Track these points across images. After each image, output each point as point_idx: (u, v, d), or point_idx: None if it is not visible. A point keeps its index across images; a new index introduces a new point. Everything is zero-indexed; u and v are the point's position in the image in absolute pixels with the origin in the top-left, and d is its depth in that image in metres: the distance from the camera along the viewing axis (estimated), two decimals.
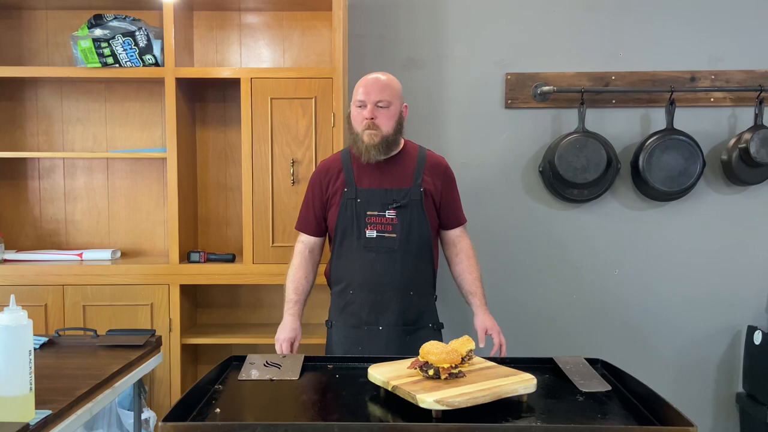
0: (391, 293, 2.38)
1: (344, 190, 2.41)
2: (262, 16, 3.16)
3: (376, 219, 2.39)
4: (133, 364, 2.16)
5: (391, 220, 2.38)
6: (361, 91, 2.36)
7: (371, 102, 2.34)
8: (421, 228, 2.41)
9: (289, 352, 2.42)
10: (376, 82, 2.36)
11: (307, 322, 3.18)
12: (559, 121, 3.19)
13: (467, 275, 2.49)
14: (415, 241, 2.40)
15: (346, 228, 2.40)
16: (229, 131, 3.19)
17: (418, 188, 2.40)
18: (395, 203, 2.38)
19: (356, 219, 2.39)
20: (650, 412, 1.50)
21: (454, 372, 1.59)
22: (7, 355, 1.52)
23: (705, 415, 3.28)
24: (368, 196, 2.40)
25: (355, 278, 2.40)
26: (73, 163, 3.20)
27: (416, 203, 2.40)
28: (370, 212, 2.39)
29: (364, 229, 2.39)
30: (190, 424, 1.41)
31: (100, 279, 2.87)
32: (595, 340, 3.22)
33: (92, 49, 2.89)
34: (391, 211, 2.38)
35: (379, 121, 2.33)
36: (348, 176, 2.42)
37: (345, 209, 2.40)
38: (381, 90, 2.34)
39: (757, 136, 3.02)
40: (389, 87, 2.37)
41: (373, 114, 2.33)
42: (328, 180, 2.46)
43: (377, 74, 2.41)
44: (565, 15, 3.17)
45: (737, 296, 3.23)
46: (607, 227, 3.23)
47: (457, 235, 2.53)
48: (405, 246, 2.38)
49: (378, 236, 2.38)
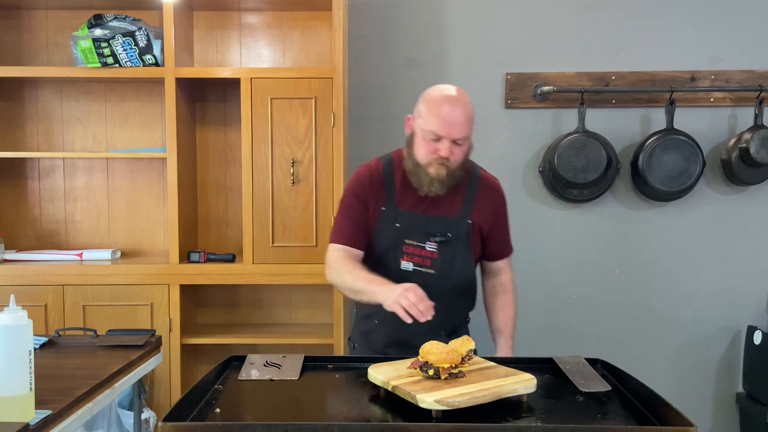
0: (420, 332, 1.92)
1: (382, 209, 2.11)
2: (262, 16, 3.16)
3: (415, 250, 2.09)
4: (133, 364, 2.16)
5: (431, 253, 2.09)
6: (438, 124, 1.98)
7: (449, 138, 1.99)
8: (464, 266, 2.13)
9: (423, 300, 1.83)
10: (457, 115, 1.99)
11: (308, 322, 3.20)
12: (559, 121, 3.19)
13: (500, 311, 2.24)
14: (455, 280, 2.12)
15: (381, 255, 2.11)
16: (229, 131, 3.19)
17: (465, 220, 2.12)
18: (439, 236, 2.09)
19: (393, 247, 2.10)
20: (650, 412, 1.50)
21: (454, 372, 1.58)
22: (7, 355, 1.52)
23: (705, 415, 3.28)
24: (409, 222, 2.09)
25: (382, 309, 1.93)
26: (73, 163, 3.20)
27: (462, 237, 2.11)
28: (409, 241, 2.10)
29: (399, 260, 2.09)
30: (190, 424, 1.41)
31: (100, 279, 2.87)
32: (595, 340, 3.23)
33: (92, 49, 2.89)
34: (432, 244, 2.09)
35: (454, 158, 2.02)
36: (388, 193, 2.12)
37: (381, 232, 2.11)
38: (463, 125, 2.00)
39: (757, 136, 3.02)
40: (470, 119, 2.03)
41: (450, 152, 2.00)
42: (371, 192, 2.13)
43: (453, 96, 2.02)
44: (565, 15, 3.17)
45: (737, 296, 3.23)
46: (607, 227, 3.23)
47: (500, 267, 2.27)
48: (443, 284, 2.08)
49: (414, 270, 2.09)
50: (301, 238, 2.89)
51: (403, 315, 1.80)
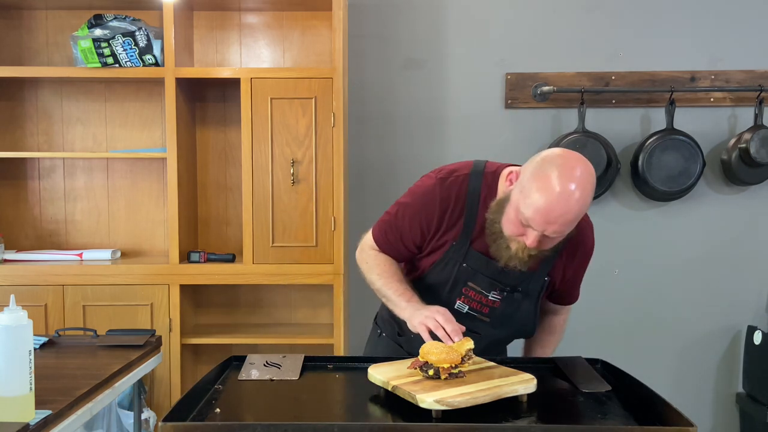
0: None
1: (453, 243, 1.84)
2: (262, 16, 3.16)
3: (475, 296, 1.87)
4: (133, 364, 2.16)
5: (492, 302, 1.86)
6: (536, 214, 1.62)
7: (541, 231, 1.65)
8: (524, 320, 1.92)
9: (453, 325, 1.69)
10: (563, 213, 1.61)
11: (308, 322, 3.20)
12: (559, 121, 3.19)
13: (538, 348, 2.07)
14: (507, 332, 1.94)
15: (435, 288, 1.89)
16: (229, 131, 3.19)
17: (543, 276, 1.87)
18: (508, 290, 1.84)
19: (452, 285, 1.86)
20: (650, 412, 1.50)
21: (454, 372, 1.58)
22: (7, 355, 1.52)
23: (705, 415, 3.28)
24: (478, 265, 1.83)
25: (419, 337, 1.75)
26: (73, 163, 3.19)
27: (533, 293, 1.88)
28: (472, 284, 1.85)
29: (455, 299, 1.87)
30: (190, 424, 1.41)
31: (100, 279, 2.87)
32: (595, 340, 3.22)
33: (92, 49, 2.89)
34: (496, 294, 1.85)
35: (541, 247, 1.70)
36: (467, 225, 1.82)
37: (444, 266, 1.86)
38: (565, 225, 1.64)
39: (757, 136, 3.01)
40: (575, 220, 1.65)
41: (538, 243, 1.68)
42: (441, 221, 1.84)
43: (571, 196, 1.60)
44: (565, 15, 3.17)
45: (737, 296, 3.23)
46: (607, 227, 3.22)
47: (557, 309, 2.06)
48: (494, 333, 1.90)
49: (468, 314, 1.88)
50: (301, 238, 2.89)
51: (427, 338, 1.68)
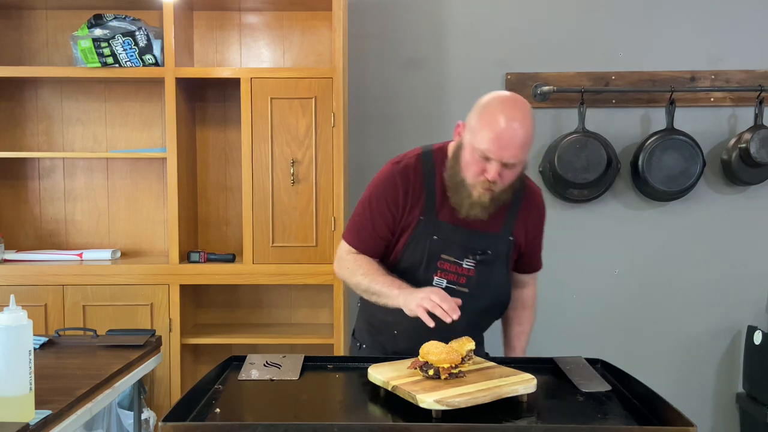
0: None
1: (420, 217, 1.91)
2: (262, 16, 3.16)
3: (450, 267, 1.93)
4: (133, 364, 2.16)
5: (467, 271, 1.93)
6: (489, 141, 1.75)
7: (499, 160, 1.77)
8: (500, 285, 1.99)
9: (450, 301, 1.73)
10: (514, 137, 1.75)
11: (308, 322, 3.20)
12: (559, 121, 3.19)
13: (516, 325, 2.16)
14: (488, 301, 1.99)
15: (411, 267, 1.93)
16: (229, 131, 3.19)
17: (507, 236, 1.96)
18: (479, 254, 1.92)
19: (426, 260, 1.92)
20: (650, 412, 1.50)
21: (454, 372, 1.58)
22: (7, 355, 1.52)
23: (705, 415, 3.28)
24: (448, 235, 1.91)
25: (403, 323, 1.88)
26: (73, 163, 3.19)
27: (501, 255, 1.96)
28: (446, 257, 1.92)
29: (432, 275, 1.92)
30: (190, 424, 1.41)
31: (100, 279, 2.87)
32: (595, 340, 3.22)
33: (92, 49, 2.89)
34: (470, 262, 1.93)
35: (501, 182, 1.81)
36: (428, 198, 1.91)
37: (416, 244, 1.92)
38: (517, 150, 1.77)
39: (757, 136, 3.02)
40: (526, 144, 1.80)
41: (498, 175, 1.78)
42: (406, 199, 1.92)
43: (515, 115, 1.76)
44: (565, 15, 3.17)
45: (737, 296, 3.23)
46: (607, 227, 3.23)
47: (525, 281, 2.15)
48: (475, 304, 1.94)
49: (447, 288, 1.90)
50: (301, 238, 2.89)
51: (427, 319, 1.70)
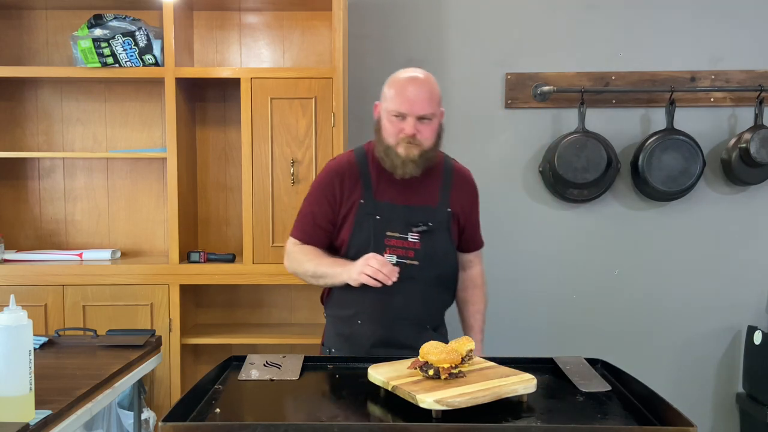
0: (407, 328, 2.07)
1: (360, 201, 2.07)
2: (262, 16, 3.16)
3: (397, 242, 2.05)
4: (133, 364, 2.16)
5: (413, 244, 2.05)
6: (398, 99, 1.99)
7: (413, 115, 1.98)
8: (446, 254, 2.12)
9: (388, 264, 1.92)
10: (418, 90, 1.99)
11: (308, 322, 3.20)
12: (559, 121, 3.19)
13: (470, 305, 2.26)
14: (437, 271, 2.10)
15: (361, 248, 2.05)
16: (229, 131, 3.19)
17: (445, 208, 2.11)
18: (420, 226, 2.06)
19: (374, 239, 2.05)
20: (650, 412, 1.50)
21: (454, 372, 1.58)
22: (7, 355, 1.52)
23: (705, 415, 3.28)
24: (388, 213, 2.06)
25: (366, 307, 2.06)
26: (73, 163, 3.20)
27: (442, 226, 2.09)
28: (391, 233, 2.05)
29: (382, 253, 2.03)
30: (190, 424, 1.41)
31: (100, 279, 2.87)
32: (595, 340, 3.22)
33: (92, 49, 2.89)
34: (414, 235, 2.06)
35: (421, 136, 1.99)
36: (365, 184, 2.08)
37: (360, 226, 2.06)
38: (425, 102, 1.99)
39: (757, 136, 3.02)
40: (432, 96, 2.01)
41: (416, 129, 1.98)
42: (341, 185, 2.09)
43: (415, 74, 2.03)
44: (565, 15, 3.17)
45: (737, 296, 3.23)
46: (607, 227, 3.23)
47: (470, 260, 2.27)
48: (426, 275, 2.07)
49: (398, 263, 2.02)
50: None
51: (372, 282, 1.90)
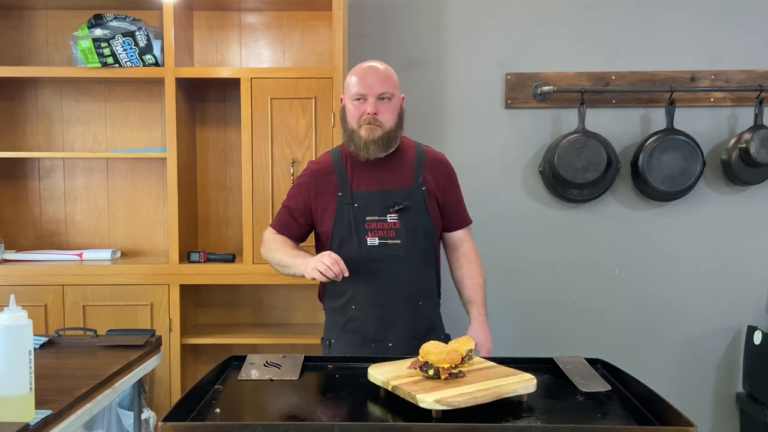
0: (400, 306, 2.18)
1: (338, 194, 2.20)
2: (262, 16, 3.16)
3: (378, 225, 2.18)
4: (133, 364, 2.16)
5: (393, 224, 2.17)
6: (357, 82, 2.15)
7: (373, 95, 2.13)
8: (426, 231, 2.22)
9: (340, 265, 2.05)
10: (375, 72, 2.16)
11: (308, 322, 3.20)
12: (559, 121, 3.19)
13: (467, 281, 2.30)
14: (421, 247, 2.21)
15: (344, 237, 2.19)
16: (229, 131, 3.19)
17: (420, 188, 2.21)
18: (397, 206, 2.17)
19: (355, 226, 2.17)
20: (650, 412, 1.50)
21: (454, 372, 1.58)
22: (7, 355, 1.52)
23: (705, 415, 3.28)
24: (366, 200, 2.19)
25: (358, 292, 2.19)
26: (73, 163, 3.20)
27: (419, 204, 2.20)
28: (370, 218, 2.18)
29: (364, 237, 2.17)
30: (190, 424, 1.41)
31: (100, 279, 2.87)
32: (595, 340, 3.22)
33: (92, 49, 2.89)
34: (393, 215, 2.17)
35: (382, 117, 2.13)
36: (341, 178, 2.21)
37: (341, 216, 2.19)
38: (382, 81, 2.15)
39: (757, 136, 3.02)
40: (390, 78, 2.18)
41: (376, 108, 2.12)
42: (317, 184, 2.24)
43: (373, 63, 2.20)
44: (565, 15, 3.17)
45: (737, 296, 3.23)
46: (607, 227, 3.23)
47: (460, 238, 2.34)
48: (411, 252, 2.18)
49: (381, 243, 2.17)
50: None
51: (322, 278, 2.05)
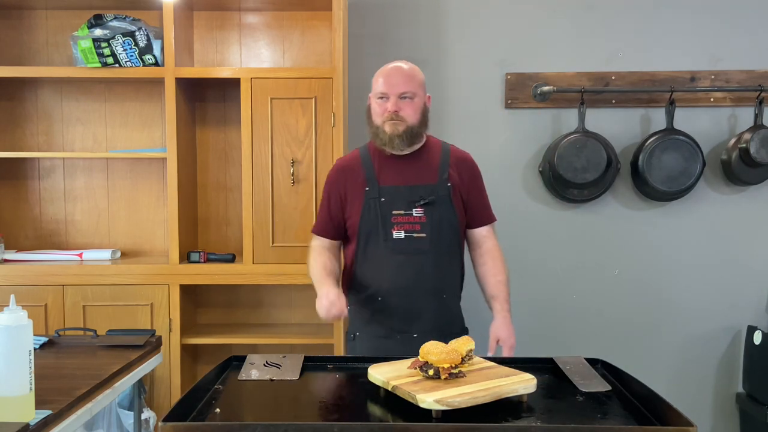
0: (424, 298, 2.24)
1: (365, 189, 2.25)
2: (262, 16, 3.16)
3: (403, 218, 2.23)
4: (133, 364, 2.16)
5: (419, 218, 2.23)
6: (382, 82, 2.21)
7: (394, 94, 2.19)
8: (451, 225, 2.27)
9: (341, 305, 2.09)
10: (398, 72, 2.22)
11: (308, 322, 3.20)
12: (559, 121, 3.19)
13: (490, 277, 2.33)
14: (445, 241, 2.26)
15: (371, 230, 2.24)
16: (229, 131, 3.19)
17: (444, 183, 2.26)
18: (422, 200, 2.22)
19: (381, 220, 2.23)
20: (650, 412, 1.50)
21: (454, 372, 1.58)
22: (7, 355, 1.52)
23: (705, 415, 3.28)
24: (392, 195, 2.24)
25: (383, 284, 2.24)
26: (73, 163, 3.20)
27: (444, 199, 2.25)
28: (396, 212, 2.23)
29: (390, 231, 2.22)
30: (190, 424, 1.41)
31: (100, 279, 2.87)
32: (595, 340, 3.23)
33: (92, 49, 2.89)
34: (418, 209, 2.23)
35: (404, 113, 2.19)
36: (368, 174, 2.27)
37: (368, 210, 2.24)
38: (405, 81, 2.20)
39: (757, 136, 3.02)
40: (413, 77, 2.23)
41: (397, 106, 2.18)
42: (345, 179, 2.30)
43: (398, 63, 2.26)
44: (565, 15, 3.17)
45: (737, 296, 3.23)
46: (607, 227, 3.23)
47: (483, 235, 2.37)
48: (436, 246, 2.24)
49: (406, 237, 2.22)
50: (301, 238, 2.89)
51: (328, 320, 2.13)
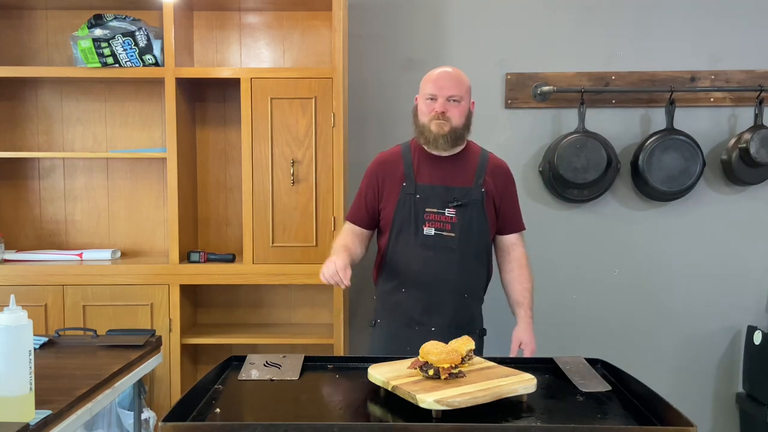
0: (446, 294, 2.34)
1: (403, 184, 2.36)
2: (262, 16, 3.16)
3: (435, 216, 2.34)
4: (133, 364, 2.16)
5: (450, 218, 2.34)
6: (431, 85, 2.32)
7: (443, 96, 2.30)
8: (481, 229, 2.37)
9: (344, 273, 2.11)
10: (448, 76, 2.32)
11: (308, 322, 3.20)
12: (559, 121, 3.19)
13: (516, 284, 2.43)
14: (473, 243, 2.36)
15: (403, 224, 2.35)
16: (229, 131, 3.19)
17: (479, 188, 2.36)
18: (456, 202, 2.33)
19: (414, 215, 2.34)
20: (650, 412, 1.50)
21: (454, 372, 1.58)
22: (7, 355, 1.52)
23: (705, 415, 3.28)
24: (428, 193, 2.35)
25: (409, 276, 2.35)
26: (73, 163, 3.20)
27: (477, 203, 2.35)
28: (429, 209, 2.34)
29: (422, 226, 2.34)
30: (190, 424, 1.41)
31: (100, 279, 2.87)
32: (595, 340, 3.23)
33: (92, 49, 2.89)
34: (450, 210, 2.34)
35: (450, 114, 2.30)
36: (407, 170, 2.38)
37: (403, 204, 2.35)
38: (454, 85, 2.31)
39: (757, 136, 3.02)
40: (461, 82, 2.33)
41: (445, 108, 2.29)
42: (384, 173, 2.41)
43: (446, 68, 2.37)
44: (565, 15, 3.17)
45: (737, 296, 3.23)
46: (607, 227, 3.23)
47: (512, 243, 2.47)
48: (463, 246, 2.34)
49: (436, 234, 2.33)
50: (301, 238, 2.89)
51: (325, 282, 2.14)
